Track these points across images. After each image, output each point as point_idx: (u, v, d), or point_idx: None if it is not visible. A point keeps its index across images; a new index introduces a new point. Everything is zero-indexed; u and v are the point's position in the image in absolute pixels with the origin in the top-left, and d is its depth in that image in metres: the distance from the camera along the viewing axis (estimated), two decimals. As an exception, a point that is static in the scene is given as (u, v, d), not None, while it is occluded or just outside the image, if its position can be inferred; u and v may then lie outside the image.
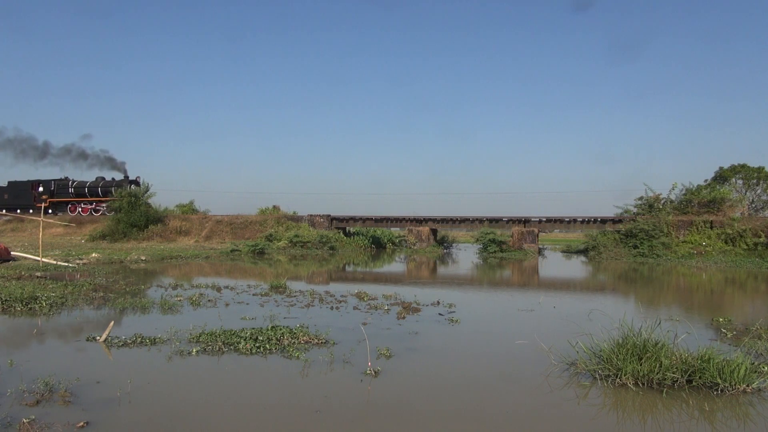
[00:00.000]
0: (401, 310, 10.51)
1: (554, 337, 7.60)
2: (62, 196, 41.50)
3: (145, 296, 11.74)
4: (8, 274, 15.01)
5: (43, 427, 4.41)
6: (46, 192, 41.38)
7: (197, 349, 6.95)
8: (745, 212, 33.93)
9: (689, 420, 4.92)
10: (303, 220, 34.48)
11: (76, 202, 41.31)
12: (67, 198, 41.31)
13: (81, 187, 41.21)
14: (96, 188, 40.81)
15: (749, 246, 26.90)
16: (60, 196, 41.54)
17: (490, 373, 6.48)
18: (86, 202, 40.96)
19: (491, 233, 31.30)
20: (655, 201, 30.88)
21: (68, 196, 41.34)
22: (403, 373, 6.26)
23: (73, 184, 41.44)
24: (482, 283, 18.39)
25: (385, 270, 22.92)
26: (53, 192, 41.59)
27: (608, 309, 10.86)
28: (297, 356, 6.76)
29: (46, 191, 41.47)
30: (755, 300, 14.71)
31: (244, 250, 28.22)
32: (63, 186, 41.67)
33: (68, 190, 41.36)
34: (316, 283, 16.44)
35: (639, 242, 27.51)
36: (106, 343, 7.35)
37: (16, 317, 9.40)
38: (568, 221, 32.03)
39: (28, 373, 5.83)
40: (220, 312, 10.22)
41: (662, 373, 5.66)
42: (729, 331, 8.63)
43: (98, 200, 40.71)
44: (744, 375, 5.56)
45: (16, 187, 42.68)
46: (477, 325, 9.64)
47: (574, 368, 6.27)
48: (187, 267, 20.78)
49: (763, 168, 38.87)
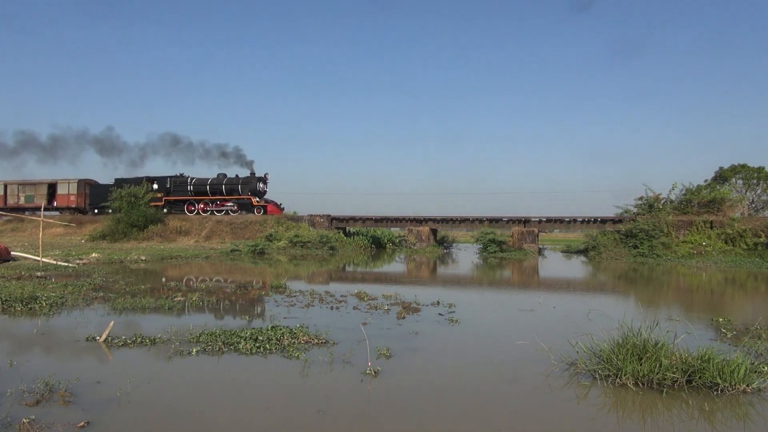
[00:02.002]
0: (401, 310, 10.50)
1: (554, 337, 7.60)
2: (179, 194, 38.47)
3: (146, 296, 11.73)
4: (8, 274, 15.01)
5: (43, 427, 4.41)
6: (161, 189, 38.63)
7: (197, 349, 6.95)
8: (745, 212, 33.93)
9: (689, 420, 4.92)
10: (303, 220, 34.47)
11: (194, 201, 38.22)
12: (185, 196, 38.35)
13: (201, 185, 37.99)
14: (219, 186, 37.53)
15: (749, 246, 26.89)
16: (176, 194, 38.53)
17: (490, 373, 6.48)
18: (208, 201, 37.95)
19: (491, 233, 31.30)
20: (655, 201, 30.88)
21: (186, 195, 38.34)
22: (403, 373, 6.26)
23: (193, 181, 38.31)
24: (482, 283, 18.39)
25: (385, 270, 22.91)
26: (169, 190, 38.63)
27: (608, 309, 10.86)
28: (297, 356, 6.76)
29: (161, 189, 38.64)
30: (755, 300, 14.70)
31: (244, 250, 28.22)
32: (180, 183, 38.42)
33: (187, 188, 38.24)
34: (316, 283, 16.44)
35: (639, 242, 27.51)
36: (106, 343, 7.35)
37: (16, 317, 9.40)
38: (568, 221, 32.03)
39: (28, 373, 5.83)
40: (221, 311, 10.22)
41: (662, 373, 5.66)
42: (729, 331, 8.63)
43: (222, 199, 37.63)
44: (744, 375, 5.56)
45: (127, 185, 39.30)
46: (477, 325, 9.63)
47: (574, 368, 6.27)
48: (187, 267, 20.78)
49: (763, 168, 38.88)
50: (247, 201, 37.11)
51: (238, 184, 37.25)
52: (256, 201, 36.87)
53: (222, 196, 37.53)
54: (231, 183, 37.40)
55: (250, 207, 37.11)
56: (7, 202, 42.16)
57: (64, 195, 41.56)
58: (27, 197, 42.45)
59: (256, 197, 37.10)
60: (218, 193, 37.61)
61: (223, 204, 37.53)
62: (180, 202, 38.46)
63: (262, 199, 37.39)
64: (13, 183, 43.13)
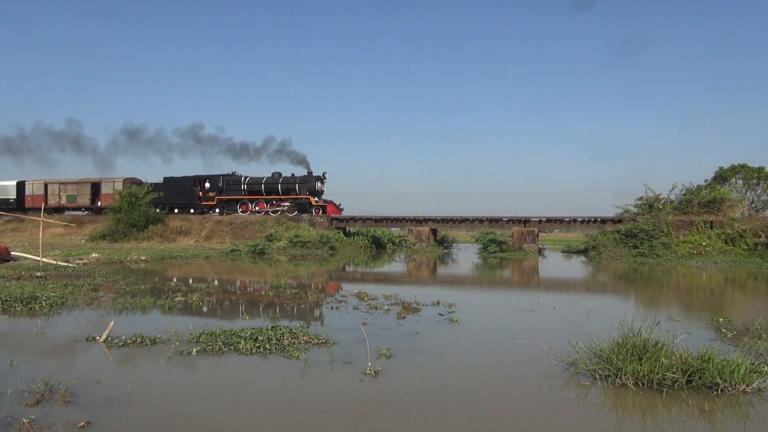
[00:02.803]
0: (401, 310, 10.50)
1: (554, 337, 7.60)
2: (232, 193, 36.90)
3: (147, 296, 11.73)
4: (8, 274, 15.00)
5: (43, 427, 4.41)
6: (214, 189, 37.11)
7: (197, 349, 6.95)
8: (745, 212, 33.91)
9: (689, 420, 4.92)
10: (303, 220, 34.46)
11: (249, 201, 36.58)
12: (239, 195, 36.75)
13: (256, 184, 36.47)
14: (275, 185, 35.96)
15: (749, 246, 26.89)
16: (230, 194, 36.95)
17: (490, 373, 6.48)
18: (263, 200, 36.31)
19: (491, 233, 31.29)
20: (655, 201, 30.86)
21: (239, 194, 36.75)
22: (403, 373, 6.26)
23: (246, 180, 36.76)
24: (482, 283, 18.39)
25: (385, 270, 22.91)
26: (222, 189, 37.10)
27: (608, 309, 10.86)
28: (297, 356, 6.76)
29: (213, 188, 37.17)
30: (755, 300, 14.70)
31: (244, 250, 28.22)
32: (234, 182, 36.88)
33: (240, 187, 36.71)
34: (317, 283, 16.43)
35: (639, 242, 27.50)
36: (106, 343, 7.35)
37: (16, 317, 9.40)
38: (568, 221, 32.02)
39: (28, 373, 5.83)
40: (221, 312, 10.22)
41: (662, 373, 5.66)
42: (729, 331, 8.63)
43: (278, 198, 36.03)
44: (744, 375, 5.56)
45: (175, 183, 38.35)
46: (477, 325, 9.63)
47: (574, 368, 6.27)
48: (187, 267, 20.77)
49: (763, 168, 38.86)
50: (305, 201, 35.47)
51: (296, 184, 35.69)
52: (314, 201, 35.37)
53: (278, 195, 36.05)
54: (288, 182, 35.86)
55: (307, 207, 35.49)
56: (48, 203, 40.29)
57: (109, 194, 39.42)
58: (69, 197, 41.03)
59: (315, 197, 35.61)
60: (274, 193, 36.11)
61: (278, 204, 36.03)
62: (233, 201, 36.95)
63: (321, 199, 35.90)
64: (54, 182, 41.50)
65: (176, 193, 38.11)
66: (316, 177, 35.70)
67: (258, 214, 35.90)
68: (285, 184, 35.82)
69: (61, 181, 41.60)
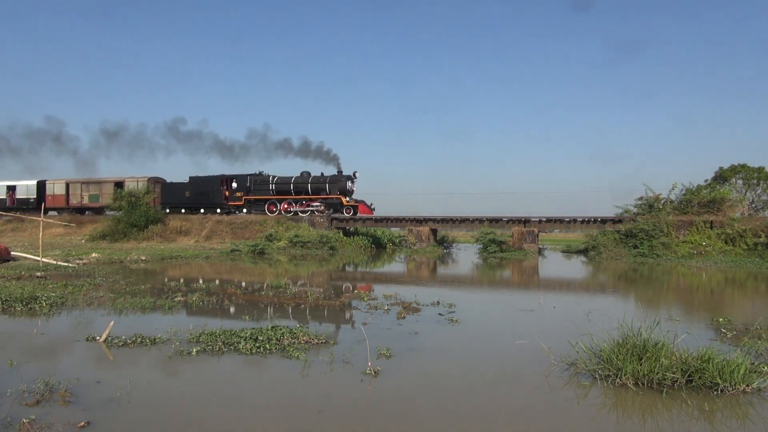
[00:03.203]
0: (401, 310, 10.51)
1: (554, 337, 7.60)
2: (260, 193, 36.17)
3: (147, 296, 11.73)
4: (8, 274, 15.00)
5: (43, 427, 4.41)
6: (241, 188, 36.40)
7: (197, 349, 6.95)
8: (745, 212, 33.88)
9: (689, 420, 4.92)
10: (303, 220, 34.44)
11: (276, 201, 35.80)
12: (267, 195, 35.98)
13: (284, 183, 35.67)
14: (304, 184, 35.17)
15: (749, 246, 26.87)
16: (257, 194, 36.23)
17: (490, 373, 6.48)
18: (292, 200, 35.50)
19: (491, 233, 31.26)
20: (655, 201, 30.84)
21: (267, 194, 35.97)
22: (403, 373, 6.26)
23: (275, 180, 35.94)
24: (482, 283, 18.39)
25: (385, 270, 22.91)
26: (249, 189, 36.35)
27: (608, 309, 10.86)
28: (297, 356, 6.76)
29: (240, 188, 36.45)
30: (755, 300, 14.70)
31: (244, 250, 28.22)
32: (262, 182, 36.12)
33: (268, 187, 35.90)
34: (317, 283, 16.42)
35: (639, 242, 27.49)
36: (106, 343, 7.35)
37: (16, 317, 9.40)
38: (568, 221, 32.00)
39: (28, 373, 5.83)
40: (221, 311, 10.22)
41: (662, 373, 5.66)
42: (729, 331, 8.63)
43: (308, 198, 35.20)
44: (744, 375, 5.56)
45: (201, 183, 37.51)
46: (477, 325, 9.64)
47: (574, 368, 6.27)
48: (187, 267, 20.78)
49: (763, 168, 38.82)
50: (336, 201, 34.77)
51: (326, 183, 34.80)
52: (346, 200, 34.69)
53: (307, 195, 35.25)
54: (317, 182, 35.02)
55: (338, 207, 34.85)
56: (70, 202, 40.06)
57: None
58: (91, 197, 40.30)
59: (346, 196, 34.88)
60: (303, 192, 35.28)
61: (308, 204, 35.15)
62: (260, 201, 36.25)
63: (352, 199, 35.11)
64: (75, 182, 40.84)
65: (202, 192, 37.40)
66: (346, 176, 34.99)
67: (272, 214, 35.43)
68: (315, 184, 35.07)
69: (84, 180, 40.92)
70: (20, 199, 41.49)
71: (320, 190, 34.94)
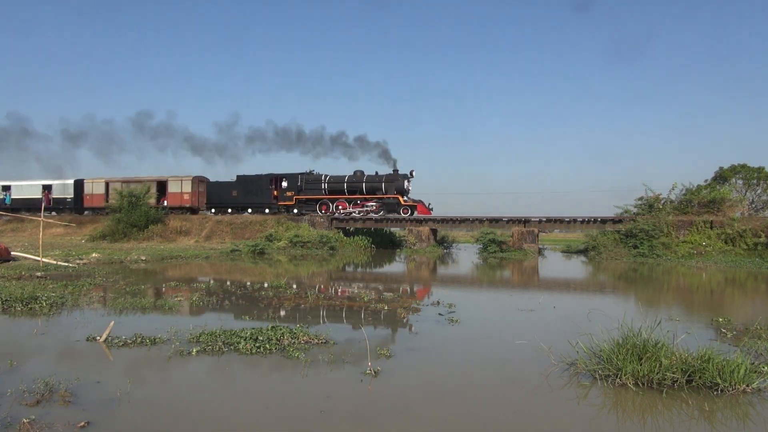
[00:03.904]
0: (401, 310, 10.51)
1: (554, 337, 7.60)
2: (311, 192, 34.92)
3: (147, 296, 11.73)
4: (8, 274, 15.00)
5: (43, 427, 4.41)
6: (292, 188, 35.13)
7: (197, 349, 6.95)
8: (745, 212, 33.87)
9: (689, 420, 4.92)
10: (303, 220, 34.43)
11: (329, 201, 34.64)
12: (318, 195, 34.79)
13: (337, 182, 34.43)
14: (359, 183, 33.97)
15: (749, 246, 26.86)
16: (309, 193, 34.97)
17: (490, 373, 6.48)
18: (345, 200, 34.38)
19: (491, 233, 31.24)
20: (655, 201, 30.82)
21: (319, 193, 34.80)
22: (403, 373, 6.26)
23: (327, 179, 34.72)
24: (482, 283, 18.39)
25: (385, 270, 22.91)
26: (300, 188, 35.07)
27: (608, 309, 10.86)
28: (297, 356, 6.76)
29: (291, 187, 35.17)
30: (755, 300, 14.70)
31: (245, 250, 28.22)
32: (313, 181, 34.91)
33: (320, 186, 34.70)
34: (317, 283, 16.43)
35: (639, 242, 27.49)
36: (106, 343, 7.36)
37: (16, 317, 9.40)
38: (568, 221, 31.99)
39: (28, 373, 5.83)
40: (221, 312, 10.22)
41: (662, 373, 5.66)
42: (729, 331, 8.63)
43: (363, 198, 34.03)
44: (744, 375, 5.56)
45: (249, 182, 36.27)
46: (477, 325, 9.64)
47: (574, 368, 6.27)
48: (187, 267, 20.78)
49: (763, 168, 38.81)
50: (394, 201, 33.55)
51: (382, 182, 33.52)
52: (403, 200, 33.56)
53: (362, 195, 34.04)
54: (373, 181, 33.77)
55: (395, 207, 33.54)
56: (109, 201, 38.14)
57: (176, 193, 37.96)
58: None
59: (403, 196, 33.74)
60: (357, 192, 34.09)
61: (363, 204, 34.02)
62: (312, 201, 35.04)
63: (409, 199, 33.98)
64: (116, 180, 39.40)
65: (250, 192, 36.21)
66: (402, 175, 33.73)
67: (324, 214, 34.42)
68: (370, 183, 33.85)
69: (124, 179, 39.49)
70: (56, 199, 40.30)
71: (376, 190, 33.81)
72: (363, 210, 33.85)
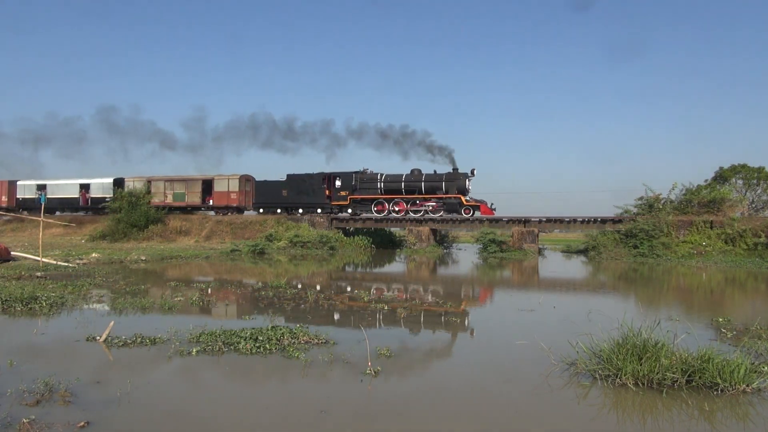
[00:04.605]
0: (401, 310, 10.51)
1: (554, 337, 7.60)
2: (367, 192, 33.43)
3: (147, 296, 11.73)
4: (8, 274, 15.00)
5: (43, 427, 4.41)
6: (346, 187, 33.77)
7: (197, 349, 6.95)
8: (745, 212, 33.86)
9: (689, 420, 4.92)
10: (303, 220, 34.41)
11: (385, 200, 33.13)
12: (374, 195, 33.28)
13: (394, 182, 32.89)
14: (417, 183, 32.50)
15: (749, 246, 26.86)
16: (364, 193, 33.48)
17: (490, 373, 6.48)
18: (402, 200, 32.97)
19: (491, 233, 31.23)
20: (655, 201, 30.82)
21: (375, 193, 33.26)
22: (403, 373, 6.26)
23: (383, 178, 33.26)
24: (482, 283, 18.39)
25: (385, 270, 22.92)
26: (354, 187, 33.63)
27: (608, 309, 10.86)
28: (297, 356, 6.76)
29: (345, 186, 33.81)
30: (755, 300, 14.70)
31: (244, 250, 28.22)
32: (368, 180, 33.47)
33: (376, 186, 33.19)
34: (317, 283, 16.43)
35: (639, 242, 27.48)
36: (106, 343, 7.36)
37: (16, 317, 9.40)
38: (568, 221, 31.98)
39: (28, 373, 5.83)
40: (222, 312, 10.21)
41: (662, 373, 5.66)
42: (729, 331, 8.63)
43: (422, 198, 32.60)
44: (744, 375, 5.56)
45: (300, 181, 34.94)
46: (477, 324, 9.63)
47: (574, 368, 6.27)
48: (187, 267, 20.78)
49: (763, 168, 38.80)
50: (455, 200, 32.13)
51: (442, 181, 32.09)
52: (466, 200, 32.09)
53: (420, 194, 32.58)
54: (432, 180, 32.28)
55: (457, 207, 32.20)
56: (151, 201, 37.23)
57: (223, 192, 36.73)
58: (176, 195, 37.92)
59: (465, 195, 32.29)
60: (416, 192, 32.60)
61: (422, 204, 32.60)
62: (367, 201, 33.55)
63: (472, 198, 32.49)
64: (158, 179, 38.31)
65: (301, 191, 34.87)
66: (463, 174, 32.21)
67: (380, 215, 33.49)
68: (429, 182, 32.35)
69: (167, 177, 38.41)
70: (94, 198, 39.13)
71: (435, 189, 32.35)
72: (421, 210, 32.67)
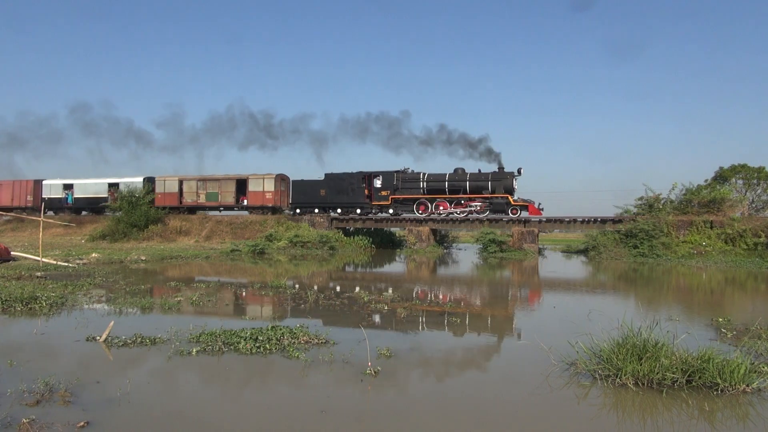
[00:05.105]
0: (401, 310, 10.51)
1: (554, 337, 7.60)
2: (409, 192, 32.65)
3: (147, 296, 11.73)
4: (8, 274, 15.01)
5: (43, 427, 4.41)
6: (387, 187, 32.88)
7: (197, 349, 6.95)
8: (746, 212, 33.86)
9: (689, 420, 4.92)
10: (303, 220, 34.41)
11: (428, 200, 32.43)
12: (417, 195, 32.55)
13: (437, 181, 32.13)
14: (462, 182, 31.61)
15: (749, 246, 26.87)
16: (406, 192, 32.72)
17: (490, 373, 6.49)
18: (446, 200, 32.14)
19: (491, 233, 31.21)
20: (655, 201, 30.83)
21: (417, 192, 32.56)
22: (403, 373, 6.26)
23: (426, 177, 32.51)
24: (482, 283, 18.38)
25: (385, 270, 22.92)
26: (396, 187, 32.82)
27: (608, 309, 10.86)
28: (297, 356, 6.76)
29: (386, 186, 32.94)
30: (755, 300, 14.70)
31: (245, 250, 28.22)
32: (411, 179, 32.71)
33: (419, 185, 32.46)
34: (317, 283, 16.43)
35: (639, 242, 27.49)
36: (106, 343, 7.36)
37: (16, 317, 9.40)
38: (568, 221, 31.96)
39: (28, 373, 5.83)
40: (222, 312, 10.21)
41: (662, 373, 5.66)
42: (729, 331, 8.63)
43: (467, 198, 31.74)
44: (744, 375, 5.56)
45: (339, 180, 34.09)
46: (477, 324, 9.63)
47: (574, 368, 6.27)
48: (187, 267, 20.78)
49: (763, 168, 38.81)
50: (503, 200, 31.26)
51: (488, 181, 31.24)
52: (513, 200, 31.32)
53: (465, 194, 31.70)
54: (477, 179, 31.41)
55: (504, 207, 31.33)
56: (183, 201, 36.90)
57: (258, 192, 35.89)
58: (209, 195, 37.02)
59: (513, 195, 31.56)
60: (460, 191, 31.71)
61: (467, 204, 31.73)
62: (409, 201, 32.79)
63: (519, 198, 31.70)
64: (191, 179, 37.55)
65: (340, 191, 33.98)
66: (509, 173, 31.39)
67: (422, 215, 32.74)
68: (474, 182, 31.46)
69: (200, 177, 37.65)
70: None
71: (481, 189, 31.49)
72: (466, 210, 31.79)
